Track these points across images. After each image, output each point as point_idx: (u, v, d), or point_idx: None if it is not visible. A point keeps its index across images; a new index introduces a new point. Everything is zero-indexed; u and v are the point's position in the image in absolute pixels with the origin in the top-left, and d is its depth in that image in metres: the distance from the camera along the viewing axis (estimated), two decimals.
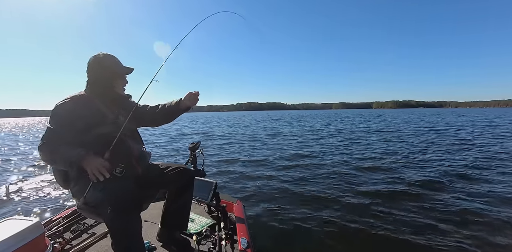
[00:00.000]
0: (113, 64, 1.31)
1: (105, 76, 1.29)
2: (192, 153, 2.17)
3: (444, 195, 3.12)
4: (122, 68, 1.35)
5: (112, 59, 1.32)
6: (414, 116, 27.99)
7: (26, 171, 5.32)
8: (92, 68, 1.29)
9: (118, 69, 1.33)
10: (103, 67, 1.29)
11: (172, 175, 1.39)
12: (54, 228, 1.69)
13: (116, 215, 1.05)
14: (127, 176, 1.22)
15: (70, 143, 1.14)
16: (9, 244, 1.05)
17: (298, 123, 20.89)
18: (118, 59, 1.35)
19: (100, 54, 1.30)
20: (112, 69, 1.30)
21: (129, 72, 1.39)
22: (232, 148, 7.68)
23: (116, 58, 1.34)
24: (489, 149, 6.35)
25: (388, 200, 3.01)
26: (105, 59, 1.30)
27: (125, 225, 1.08)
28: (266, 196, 3.24)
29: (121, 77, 1.35)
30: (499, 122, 17.23)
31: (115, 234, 1.10)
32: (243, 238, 1.48)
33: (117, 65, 1.33)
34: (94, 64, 1.29)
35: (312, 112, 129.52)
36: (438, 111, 77.86)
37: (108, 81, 1.30)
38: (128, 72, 1.38)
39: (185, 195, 1.45)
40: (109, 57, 1.31)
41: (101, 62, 1.29)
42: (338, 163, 5.08)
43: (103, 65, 1.29)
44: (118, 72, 1.33)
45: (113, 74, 1.31)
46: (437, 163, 4.85)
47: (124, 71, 1.35)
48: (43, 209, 3.08)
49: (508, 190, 3.23)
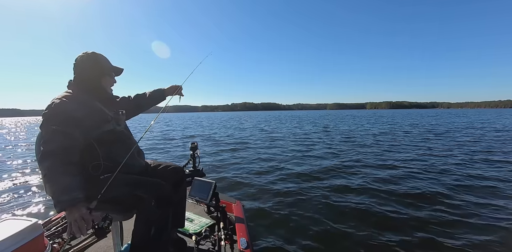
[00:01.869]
0: (101, 62, 1.29)
1: (93, 74, 1.26)
2: (192, 153, 2.17)
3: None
4: (111, 66, 1.34)
5: (101, 57, 1.30)
6: (419, 118, 27.39)
7: (26, 171, 5.31)
8: (79, 65, 1.25)
9: (106, 66, 1.31)
10: (91, 65, 1.26)
11: (164, 172, 1.43)
12: (53, 228, 1.68)
13: (163, 205, 1.19)
14: (140, 170, 1.33)
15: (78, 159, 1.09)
16: (7, 244, 1.04)
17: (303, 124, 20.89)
18: (106, 58, 1.33)
19: (88, 52, 1.27)
20: (100, 66, 1.28)
21: (119, 72, 1.38)
22: (233, 148, 7.68)
23: (105, 57, 1.32)
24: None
25: (389, 200, 3.01)
26: (93, 56, 1.27)
27: (167, 213, 1.24)
28: (266, 196, 3.24)
29: (110, 75, 1.33)
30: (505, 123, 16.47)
31: (158, 223, 1.20)
32: (243, 238, 1.48)
33: (106, 63, 1.31)
34: (82, 62, 1.25)
35: (309, 112, 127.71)
36: (436, 112, 77.51)
37: (97, 78, 1.28)
38: (118, 71, 1.37)
39: (179, 192, 1.48)
40: (98, 55, 1.29)
41: (90, 59, 1.26)
42: (339, 164, 5.08)
43: (92, 62, 1.26)
44: (107, 70, 1.31)
45: (101, 72, 1.28)
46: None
47: (112, 69, 1.34)
48: (42, 209, 3.08)
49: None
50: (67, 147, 1.04)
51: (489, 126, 14.34)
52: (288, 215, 2.65)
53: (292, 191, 3.40)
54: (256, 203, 2.99)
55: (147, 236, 1.16)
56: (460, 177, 3.91)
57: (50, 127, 1.05)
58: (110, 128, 1.25)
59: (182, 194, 1.52)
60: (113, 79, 1.37)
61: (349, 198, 3.10)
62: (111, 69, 1.33)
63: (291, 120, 27.86)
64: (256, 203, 3.01)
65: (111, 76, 1.35)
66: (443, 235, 2.21)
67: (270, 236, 2.25)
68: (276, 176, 4.20)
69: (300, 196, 3.23)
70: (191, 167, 2.18)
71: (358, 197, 3.12)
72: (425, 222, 2.45)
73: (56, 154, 1.01)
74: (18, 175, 4.94)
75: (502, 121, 19.32)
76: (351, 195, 3.19)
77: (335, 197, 3.13)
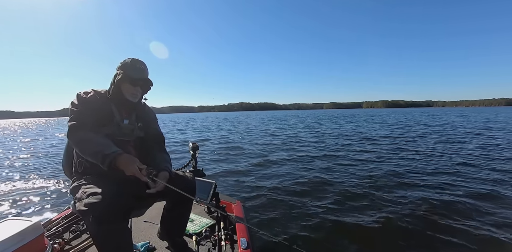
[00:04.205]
0: (127, 68, 1.28)
1: (116, 79, 1.28)
2: (193, 154, 2.17)
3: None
4: (135, 74, 1.28)
5: (133, 64, 1.29)
6: (424, 117, 27.17)
7: (26, 171, 5.31)
8: (117, 67, 1.31)
9: (129, 73, 1.27)
10: (119, 68, 1.29)
11: (174, 185, 1.29)
12: (53, 228, 1.68)
13: (96, 224, 0.99)
14: (119, 179, 1.16)
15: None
16: (8, 244, 1.04)
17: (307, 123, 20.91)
18: (141, 67, 1.30)
19: (130, 58, 1.31)
20: (124, 71, 1.27)
21: (139, 81, 1.30)
22: (232, 148, 7.68)
23: (140, 65, 1.30)
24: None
25: (397, 204, 3.01)
26: (126, 62, 1.29)
27: (108, 236, 1.02)
28: (266, 196, 3.23)
29: (130, 83, 1.28)
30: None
31: (97, 246, 1.07)
32: (243, 238, 1.48)
33: (130, 70, 1.28)
34: (120, 64, 1.30)
35: (306, 112, 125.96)
36: (435, 110, 77.19)
37: (117, 83, 1.28)
38: (137, 80, 1.29)
39: (185, 205, 1.41)
40: (132, 61, 1.29)
41: (122, 63, 1.29)
42: (341, 164, 5.09)
43: (121, 66, 1.29)
44: (127, 77, 1.27)
45: (123, 78, 1.27)
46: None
47: (134, 77, 1.28)
48: (43, 210, 3.08)
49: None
50: (87, 122, 1.18)
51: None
52: (289, 215, 2.65)
53: (293, 191, 3.40)
54: (256, 203, 2.99)
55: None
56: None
57: (73, 108, 1.21)
58: (109, 131, 1.24)
59: (187, 208, 1.44)
60: (136, 87, 1.30)
61: (352, 198, 3.10)
62: (132, 75, 1.28)
63: (292, 120, 27.86)
64: (256, 203, 3.01)
65: (132, 83, 1.29)
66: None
67: (270, 236, 2.24)
68: (276, 176, 4.20)
69: (301, 196, 3.23)
70: (192, 167, 2.19)
71: (360, 198, 3.11)
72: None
73: (81, 125, 1.16)
74: (18, 175, 4.94)
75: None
76: (354, 196, 3.18)
77: (337, 198, 3.12)
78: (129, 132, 1.32)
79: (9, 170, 5.50)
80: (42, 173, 5.08)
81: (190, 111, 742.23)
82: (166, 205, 1.43)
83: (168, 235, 1.47)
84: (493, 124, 14.31)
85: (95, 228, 1.00)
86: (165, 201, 1.43)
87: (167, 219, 1.45)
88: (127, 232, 1.12)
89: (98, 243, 1.07)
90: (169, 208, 1.42)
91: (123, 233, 1.08)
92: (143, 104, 1.46)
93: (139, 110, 1.42)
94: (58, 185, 4.06)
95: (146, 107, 1.49)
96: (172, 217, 1.43)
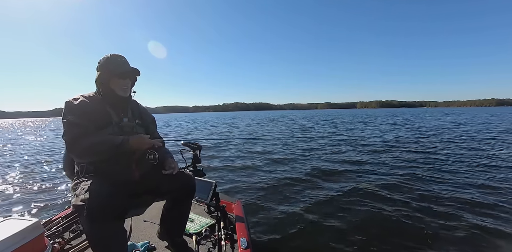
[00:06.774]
0: (110, 63, 1.26)
1: (102, 76, 1.26)
2: (193, 153, 2.17)
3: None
4: (120, 67, 1.28)
5: (114, 58, 1.28)
6: (430, 118, 26.44)
7: (26, 171, 5.31)
8: (97, 67, 1.29)
9: (114, 68, 1.26)
10: (101, 66, 1.27)
11: (174, 183, 1.33)
12: (53, 228, 1.68)
13: (89, 222, 0.98)
14: (116, 180, 1.17)
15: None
16: (8, 244, 1.04)
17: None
18: (123, 59, 1.30)
19: (108, 54, 1.29)
20: (108, 67, 1.25)
21: (127, 73, 1.29)
22: (232, 148, 7.68)
23: (121, 58, 1.30)
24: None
25: (398, 205, 3.00)
26: (107, 58, 1.27)
27: (100, 235, 1.01)
28: (266, 196, 3.24)
29: (119, 76, 1.27)
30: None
31: (90, 244, 1.07)
32: (243, 238, 1.48)
33: (115, 64, 1.27)
34: (98, 64, 1.28)
35: (304, 112, 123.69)
36: (432, 111, 76.59)
37: (105, 80, 1.26)
38: (125, 72, 1.28)
39: (184, 204, 1.42)
40: (112, 57, 1.28)
41: (102, 61, 1.27)
42: (342, 164, 5.08)
43: (102, 64, 1.27)
44: (114, 71, 1.25)
45: (109, 73, 1.25)
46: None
47: (120, 70, 1.27)
48: (43, 209, 3.08)
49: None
50: (85, 132, 1.15)
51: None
52: (289, 215, 2.65)
53: (294, 191, 3.40)
54: (256, 203, 2.99)
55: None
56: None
57: (68, 119, 1.16)
58: (110, 133, 1.23)
59: (187, 207, 1.44)
60: (126, 80, 1.30)
61: (353, 199, 3.09)
62: (118, 69, 1.27)
63: (288, 120, 27.82)
64: (256, 202, 3.01)
65: (122, 77, 1.28)
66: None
67: (270, 236, 2.25)
68: (277, 176, 4.20)
69: (301, 196, 3.23)
70: (192, 167, 2.18)
71: (362, 199, 3.10)
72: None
73: (80, 137, 1.14)
74: (18, 175, 4.94)
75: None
76: (355, 197, 3.17)
77: (338, 198, 3.12)
78: (130, 129, 1.32)
79: (9, 170, 5.50)
80: (42, 172, 5.09)
81: (185, 111, 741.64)
82: (166, 204, 1.44)
83: (168, 234, 1.47)
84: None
85: (89, 225, 1.00)
86: (165, 201, 1.44)
87: (167, 218, 1.45)
88: (121, 233, 1.10)
89: (91, 241, 1.06)
90: (169, 207, 1.42)
91: (117, 233, 1.07)
92: (134, 101, 1.45)
93: (133, 107, 1.42)
94: (58, 185, 4.06)
95: (141, 106, 1.49)
96: (172, 217, 1.43)
